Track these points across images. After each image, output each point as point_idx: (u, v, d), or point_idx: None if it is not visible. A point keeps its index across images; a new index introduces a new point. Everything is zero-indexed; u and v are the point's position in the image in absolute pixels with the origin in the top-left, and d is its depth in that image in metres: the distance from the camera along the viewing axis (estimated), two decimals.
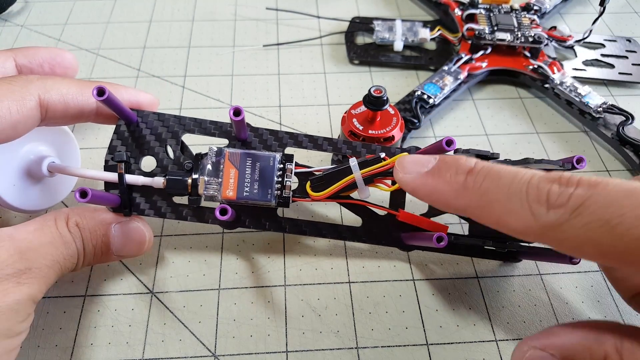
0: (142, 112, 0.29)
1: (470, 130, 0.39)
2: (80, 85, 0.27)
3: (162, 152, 0.29)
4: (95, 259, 0.26)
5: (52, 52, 0.31)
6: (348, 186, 0.28)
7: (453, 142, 0.25)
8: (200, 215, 0.29)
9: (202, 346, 0.28)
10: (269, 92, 0.42)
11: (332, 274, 0.31)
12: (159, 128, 0.29)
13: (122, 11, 0.49)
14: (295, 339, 0.28)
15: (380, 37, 0.45)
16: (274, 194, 0.27)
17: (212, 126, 0.29)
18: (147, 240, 0.28)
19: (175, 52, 0.45)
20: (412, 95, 0.39)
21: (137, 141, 0.28)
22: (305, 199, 0.28)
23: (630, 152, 0.36)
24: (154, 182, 0.27)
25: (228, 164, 0.27)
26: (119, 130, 0.28)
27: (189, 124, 0.29)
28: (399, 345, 0.28)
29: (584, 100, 0.38)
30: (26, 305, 0.22)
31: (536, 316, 0.29)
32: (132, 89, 0.30)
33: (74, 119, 0.27)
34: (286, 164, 0.28)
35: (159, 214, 0.28)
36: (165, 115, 0.29)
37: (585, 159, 0.25)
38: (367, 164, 0.28)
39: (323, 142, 0.30)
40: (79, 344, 0.28)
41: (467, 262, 0.32)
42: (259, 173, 0.27)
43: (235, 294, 0.30)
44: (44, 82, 0.25)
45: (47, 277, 0.23)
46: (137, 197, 0.28)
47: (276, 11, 0.49)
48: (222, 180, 0.27)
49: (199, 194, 0.27)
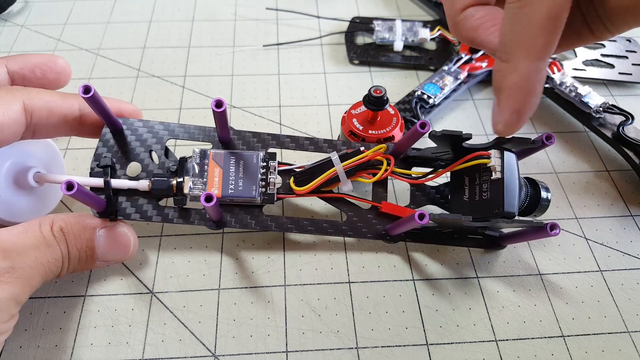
0: (127, 120, 0.29)
1: (470, 130, 0.39)
2: (63, 94, 0.28)
3: (147, 157, 0.29)
4: (80, 264, 0.27)
5: (44, 57, 0.31)
6: (331, 179, 0.28)
7: (427, 124, 0.26)
8: (186, 216, 0.29)
9: (202, 346, 0.28)
10: (269, 92, 0.42)
11: (332, 274, 0.31)
12: (144, 134, 0.29)
13: (122, 11, 0.49)
14: (295, 339, 0.28)
15: (380, 37, 0.45)
16: (259, 191, 0.28)
17: (196, 131, 0.30)
18: (132, 245, 0.28)
19: (175, 52, 0.45)
20: (412, 95, 0.39)
21: (122, 148, 0.29)
22: (290, 195, 0.29)
23: (630, 152, 0.36)
24: (140, 185, 0.28)
25: (212, 163, 0.28)
26: (105, 139, 0.29)
27: (173, 130, 0.30)
28: (399, 345, 0.28)
29: (584, 100, 0.38)
30: (8, 305, 0.22)
31: (536, 316, 0.29)
32: (115, 99, 0.31)
33: (58, 127, 0.28)
34: (269, 161, 0.29)
35: (145, 217, 0.28)
36: (150, 122, 0.30)
37: (554, 136, 0.26)
38: (347, 156, 0.28)
39: (304, 142, 0.30)
40: (79, 344, 0.28)
41: (467, 262, 0.32)
42: (243, 171, 0.28)
43: (235, 294, 0.30)
44: (28, 90, 0.27)
45: (30, 279, 0.23)
46: (122, 201, 0.28)
47: (276, 11, 0.49)
48: (207, 180, 0.27)
49: (184, 194, 0.28)
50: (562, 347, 0.28)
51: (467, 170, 0.29)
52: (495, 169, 0.27)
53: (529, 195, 0.29)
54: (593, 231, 0.33)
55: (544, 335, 0.29)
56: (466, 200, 0.29)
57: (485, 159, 0.28)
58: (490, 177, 0.27)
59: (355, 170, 0.29)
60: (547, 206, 0.29)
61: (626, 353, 0.28)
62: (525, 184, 0.29)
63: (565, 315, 0.30)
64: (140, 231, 0.32)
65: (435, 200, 0.32)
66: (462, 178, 0.29)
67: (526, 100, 0.22)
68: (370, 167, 0.29)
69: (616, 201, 0.35)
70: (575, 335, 0.29)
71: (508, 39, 0.21)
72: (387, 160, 0.29)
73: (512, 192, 0.27)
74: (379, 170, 0.29)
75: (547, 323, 0.29)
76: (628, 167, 0.36)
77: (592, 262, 0.32)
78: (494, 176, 0.27)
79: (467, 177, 0.29)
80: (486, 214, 0.27)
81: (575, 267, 0.32)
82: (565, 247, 0.33)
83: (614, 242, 0.33)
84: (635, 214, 0.34)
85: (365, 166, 0.29)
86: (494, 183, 0.27)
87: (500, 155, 0.27)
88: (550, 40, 0.20)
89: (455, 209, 0.30)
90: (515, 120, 0.22)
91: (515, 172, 0.27)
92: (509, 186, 0.27)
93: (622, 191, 0.36)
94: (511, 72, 0.22)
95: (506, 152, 0.27)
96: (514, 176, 0.27)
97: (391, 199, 0.30)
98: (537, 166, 0.37)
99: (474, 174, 0.29)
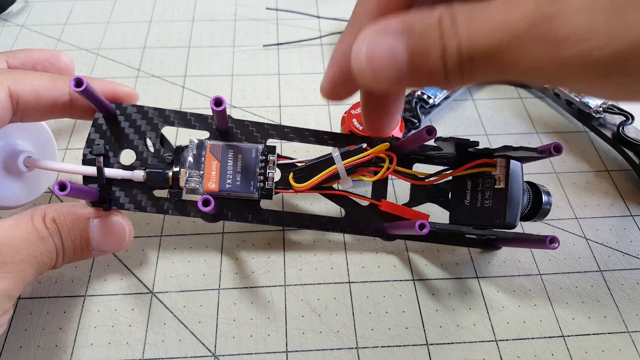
0: (120, 105, 0.28)
1: (470, 130, 0.39)
2: (53, 77, 0.27)
3: (141, 145, 0.28)
4: (75, 254, 0.26)
5: (47, 53, 0.31)
6: (331, 177, 0.28)
7: (434, 131, 0.25)
8: (182, 208, 0.28)
9: (202, 346, 0.28)
10: (269, 92, 0.42)
11: (332, 274, 0.31)
12: (138, 121, 0.28)
13: (122, 11, 0.49)
14: (295, 339, 0.28)
15: None
16: (257, 186, 0.27)
17: (193, 118, 0.28)
18: (127, 234, 0.28)
19: (175, 52, 0.45)
20: (412, 95, 0.39)
21: (116, 134, 0.28)
22: (288, 190, 0.28)
23: (630, 152, 0.36)
24: (134, 176, 0.27)
25: (210, 156, 0.27)
26: (97, 124, 0.28)
27: (169, 116, 0.28)
28: (399, 345, 0.28)
29: (584, 100, 0.38)
30: (1, 300, 0.22)
31: (536, 316, 0.29)
32: (108, 81, 0.29)
33: (48, 111, 0.27)
34: (268, 155, 0.28)
35: (139, 207, 0.27)
36: (144, 107, 0.28)
37: (562, 146, 0.25)
38: (349, 154, 0.28)
39: (305, 133, 0.29)
40: (79, 344, 0.28)
41: (467, 262, 0.32)
42: (241, 165, 0.27)
43: (235, 294, 0.30)
44: (13, 74, 0.25)
45: (23, 273, 0.23)
46: (116, 190, 0.27)
47: (276, 11, 0.49)
48: (204, 173, 0.27)
49: (180, 186, 0.27)
50: (562, 347, 0.28)
51: (470, 174, 0.29)
52: (499, 179, 0.27)
53: (531, 201, 0.29)
54: (593, 231, 0.33)
55: (544, 335, 0.29)
56: (467, 205, 0.29)
57: (490, 167, 0.27)
58: (494, 186, 0.27)
59: (356, 168, 0.28)
60: (548, 210, 0.29)
61: (626, 353, 0.28)
62: (527, 189, 0.29)
63: (565, 315, 0.30)
64: (140, 231, 0.32)
65: (436, 198, 0.31)
66: (464, 181, 0.29)
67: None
68: (371, 164, 0.29)
69: (616, 201, 0.35)
70: (575, 335, 0.29)
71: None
72: (389, 158, 0.29)
73: (515, 203, 0.26)
74: (379, 168, 0.29)
75: (547, 323, 0.29)
76: (628, 167, 0.36)
77: (592, 262, 0.32)
78: (497, 185, 0.27)
79: (470, 182, 0.29)
80: (487, 223, 0.27)
81: (575, 267, 0.32)
82: (565, 247, 0.33)
83: (614, 242, 0.33)
84: (635, 214, 0.34)
85: (366, 163, 0.29)
86: (497, 192, 0.27)
87: (505, 165, 0.27)
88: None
89: (455, 212, 0.30)
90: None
91: (520, 184, 0.27)
92: (513, 197, 0.26)
93: (622, 191, 0.36)
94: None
95: (512, 161, 0.27)
96: (518, 187, 0.27)
97: (390, 195, 0.30)
98: (537, 166, 0.37)
99: (477, 179, 0.28)
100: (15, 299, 0.23)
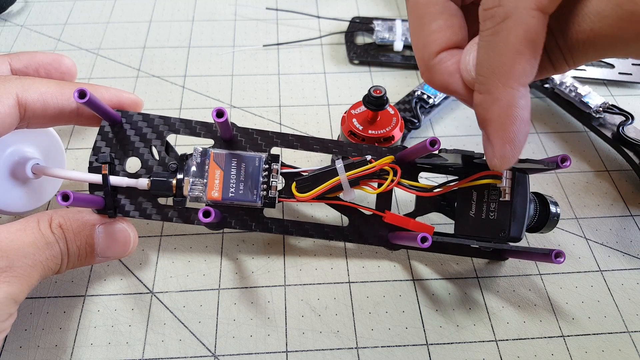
0: (126, 113, 0.29)
1: (470, 130, 0.39)
2: (61, 85, 0.27)
3: (147, 152, 0.28)
4: (80, 260, 0.26)
5: (50, 57, 0.31)
6: (333, 188, 0.28)
7: (437, 142, 0.25)
8: (185, 216, 0.28)
9: (202, 346, 0.28)
10: (269, 92, 0.42)
11: (332, 274, 0.31)
12: (144, 128, 0.29)
13: (122, 11, 0.49)
14: (295, 339, 0.28)
15: (380, 37, 0.45)
16: (260, 195, 0.27)
17: (198, 126, 0.29)
18: (131, 241, 0.28)
19: (175, 52, 0.45)
20: (412, 95, 0.39)
21: (122, 142, 0.28)
22: (291, 199, 0.28)
23: (630, 152, 0.36)
24: (139, 184, 0.27)
25: (213, 164, 0.27)
26: (103, 132, 0.28)
27: (174, 124, 0.29)
28: (399, 345, 0.28)
29: (584, 100, 0.38)
30: (6, 304, 0.22)
31: (536, 316, 0.29)
32: (114, 89, 0.29)
33: (55, 119, 0.27)
34: (272, 164, 0.28)
35: (144, 215, 0.28)
36: (150, 115, 0.29)
37: (569, 158, 0.24)
38: (353, 166, 0.28)
39: (310, 142, 0.29)
40: (79, 344, 0.28)
41: (467, 262, 0.32)
42: (245, 174, 0.27)
43: (235, 294, 0.30)
44: (22, 81, 0.26)
45: (28, 277, 0.23)
46: (121, 198, 0.28)
47: (276, 11, 0.49)
48: (207, 182, 0.27)
49: (184, 195, 0.27)
50: (562, 347, 0.28)
51: (476, 185, 0.28)
52: (505, 191, 0.26)
53: (539, 212, 0.28)
54: (593, 231, 0.33)
55: (544, 335, 0.29)
56: (472, 216, 0.28)
57: (496, 179, 0.27)
58: (499, 198, 0.27)
59: (360, 180, 0.28)
60: (556, 221, 0.28)
61: (626, 353, 0.28)
62: (534, 199, 0.28)
63: (565, 315, 0.30)
64: (140, 231, 0.32)
65: (441, 207, 0.31)
66: (470, 192, 0.29)
67: (516, 129, 0.20)
68: (375, 176, 0.29)
69: (616, 201, 0.35)
70: (575, 335, 0.29)
71: (484, 68, 0.20)
72: (393, 171, 0.28)
73: (520, 217, 0.26)
74: (384, 180, 0.28)
75: (547, 323, 0.29)
76: (628, 167, 0.36)
77: (592, 262, 0.32)
78: (503, 198, 0.27)
79: (476, 193, 0.28)
80: (491, 235, 0.27)
81: (575, 267, 0.32)
82: (565, 247, 0.33)
83: (614, 242, 0.33)
84: (635, 214, 0.34)
85: (370, 175, 0.28)
86: (503, 205, 0.27)
87: (511, 177, 0.26)
88: (529, 65, 0.19)
89: (460, 223, 0.29)
90: (510, 152, 0.21)
91: (526, 196, 0.26)
92: (518, 211, 0.26)
93: (622, 191, 0.36)
94: (493, 103, 0.20)
95: (518, 173, 0.27)
96: (524, 200, 0.26)
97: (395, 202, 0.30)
98: None
99: (482, 190, 0.28)
100: (20, 303, 0.23)
